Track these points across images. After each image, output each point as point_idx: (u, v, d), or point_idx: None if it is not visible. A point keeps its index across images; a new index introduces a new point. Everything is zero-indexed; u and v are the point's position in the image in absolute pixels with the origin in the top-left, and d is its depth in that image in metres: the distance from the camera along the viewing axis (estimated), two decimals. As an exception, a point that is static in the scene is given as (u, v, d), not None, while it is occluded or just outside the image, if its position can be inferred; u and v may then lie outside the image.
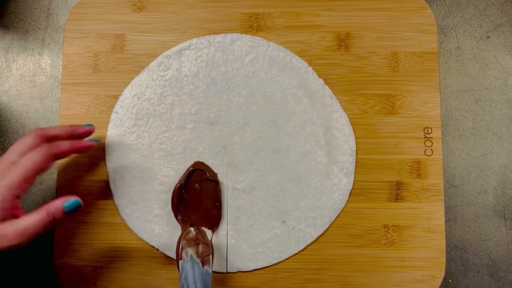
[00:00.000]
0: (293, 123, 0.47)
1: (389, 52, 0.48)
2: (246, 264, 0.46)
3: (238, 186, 0.46)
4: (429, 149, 0.47)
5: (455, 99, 0.50)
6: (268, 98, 0.47)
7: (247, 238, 0.46)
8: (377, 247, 0.46)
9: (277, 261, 0.46)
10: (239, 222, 0.46)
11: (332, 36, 0.48)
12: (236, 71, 0.47)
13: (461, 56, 0.50)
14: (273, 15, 0.48)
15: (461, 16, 0.51)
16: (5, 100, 0.51)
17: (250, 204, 0.46)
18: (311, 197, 0.46)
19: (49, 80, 0.51)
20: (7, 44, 0.51)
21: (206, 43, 0.48)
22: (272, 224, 0.46)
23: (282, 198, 0.46)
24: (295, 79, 0.47)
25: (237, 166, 0.46)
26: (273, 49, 0.48)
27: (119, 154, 0.46)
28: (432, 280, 0.45)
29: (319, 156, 0.46)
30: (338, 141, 0.47)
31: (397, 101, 0.47)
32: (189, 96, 0.47)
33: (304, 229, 0.46)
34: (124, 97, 0.47)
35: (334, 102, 0.47)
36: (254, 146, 0.47)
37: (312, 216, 0.46)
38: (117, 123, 0.47)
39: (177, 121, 0.47)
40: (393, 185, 0.47)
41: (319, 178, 0.46)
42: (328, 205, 0.46)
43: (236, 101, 0.47)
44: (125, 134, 0.47)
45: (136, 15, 0.49)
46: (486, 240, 0.48)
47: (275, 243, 0.46)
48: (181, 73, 0.47)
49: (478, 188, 0.49)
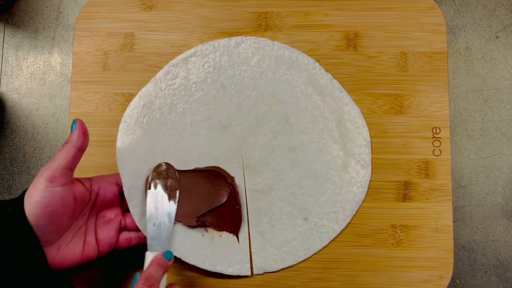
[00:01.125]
0: (305, 119, 0.47)
1: (397, 51, 0.48)
2: (272, 265, 0.45)
3: (256, 188, 0.46)
4: (437, 149, 0.47)
5: (463, 99, 0.50)
6: (278, 97, 0.47)
7: (271, 238, 0.46)
8: (385, 246, 0.46)
9: (302, 258, 0.46)
10: (261, 224, 0.46)
11: (341, 36, 0.48)
12: (243, 74, 0.47)
13: (470, 56, 0.50)
14: (281, 14, 0.49)
15: (470, 16, 0.51)
16: (15, 98, 0.51)
17: (270, 204, 0.46)
18: (331, 192, 0.46)
19: (59, 78, 0.51)
20: (18, 42, 0.52)
21: (212, 48, 0.48)
22: (294, 222, 0.46)
23: (301, 196, 0.46)
24: (303, 76, 0.47)
25: (254, 168, 0.46)
26: (279, 48, 0.48)
27: (133, 162, 0.45)
28: (440, 281, 0.45)
29: (334, 150, 0.46)
30: (352, 134, 0.47)
31: (405, 101, 0.47)
32: (199, 103, 0.47)
33: (327, 224, 0.46)
34: (132, 107, 0.47)
35: (344, 95, 0.47)
36: (269, 146, 0.47)
37: (334, 210, 0.46)
38: (128, 131, 0.46)
39: (190, 129, 0.47)
40: (401, 185, 0.47)
41: (336, 172, 0.46)
42: (349, 198, 0.46)
43: (246, 103, 0.47)
44: (138, 142, 0.46)
45: (145, 14, 0.49)
46: (494, 240, 0.48)
47: (299, 241, 0.46)
48: (189, 80, 0.47)
49: (487, 188, 0.49)
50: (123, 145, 0.46)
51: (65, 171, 0.37)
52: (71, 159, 0.37)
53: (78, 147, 0.38)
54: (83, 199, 0.40)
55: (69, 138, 0.38)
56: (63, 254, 0.38)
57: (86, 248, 0.40)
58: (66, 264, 0.39)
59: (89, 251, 0.40)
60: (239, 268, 0.45)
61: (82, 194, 0.39)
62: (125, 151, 0.46)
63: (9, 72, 0.51)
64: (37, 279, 0.36)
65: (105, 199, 0.42)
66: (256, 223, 0.46)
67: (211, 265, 0.45)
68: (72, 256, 0.39)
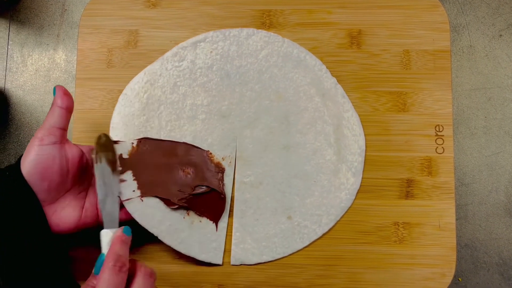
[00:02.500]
0: (304, 120, 0.47)
1: (401, 49, 0.48)
2: (250, 258, 0.46)
3: (245, 180, 0.47)
4: (440, 147, 0.47)
5: (467, 97, 0.50)
6: (281, 94, 0.47)
7: (252, 232, 0.46)
8: (387, 244, 0.46)
9: (280, 256, 0.46)
10: (245, 216, 0.46)
11: (344, 33, 0.48)
12: (250, 66, 0.48)
13: (473, 54, 0.50)
14: (285, 12, 0.49)
15: (474, 15, 0.51)
16: (20, 94, 0.51)
17: (257, 198, 0.46)
18: (318, 195, 0.46)
19: (64, 75, 0.51)
20: (23, 39, 0.52)
21: (222, 36, 0.48)
22: (277, 219, 0.46)
23: (289, 194, 0.46)
24: (308, 76, 0.47)
25: (246, 160, 0.47)
26: (288, 46, 0.48)
27: (126, 133, 0.46)
28: (442, 278, 0.45)
29: (328, 154, 0.47)
30: (348, 140, 0.47)
31: (408, 98, 0.47)
32: (202, 88, 0.47)
33: (310, 226, 0.46)
34: (135, 81, 0.47)
35: (346, 101, 0.47)
36: (264, 141, 0.47)
37: (318, 213, 0.46)
38: (126, 103, 0.47)
39: (189, 111, 0.47)
40: (403, 182, 0.47)
41: (327, 176, 0.46)
42: (335, 204, 0.46)
43: (248, 95, 0.47)
44: (134, 115, 0.46)
45: (149, 11, 0.49)
46: (496, 238, 0.48)
47: (279, 238, 0.46)
48: (195, 64, 0.47)
49: (490, 186, 0.49)
50: (119, 115, 0.46)
51: (53, 130, 0.39)
52: (58, 118, 0.39)
53: (61, 106, 0.40)
54: (78, 161, 0.41)
55: (53, 101, 0.40)
56: (60, 217, 0.40)
57: (84, 213, 0.41)
58: (63, 227, 0.40)
59: (87, 218, 0.41)
60: (212, 256, 0.45)
61: (76, 156, 0.41)
62: (120, 121, 0.46)
63: (14, 68, 0.52)
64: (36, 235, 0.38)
65: None
66: (240, 214, 0.46)
67: (186, 249, 0.45)
68: (69, 219, 0.40)
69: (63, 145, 0.40)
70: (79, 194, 0.42)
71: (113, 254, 0.36)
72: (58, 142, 0.39)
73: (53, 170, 0.39)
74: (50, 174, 0.38)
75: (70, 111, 0.41)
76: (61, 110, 0.40)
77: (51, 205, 0.40)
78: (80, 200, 0.42)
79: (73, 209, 0.41)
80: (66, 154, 0.40)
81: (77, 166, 0.41)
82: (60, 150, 0.39)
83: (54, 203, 0.40)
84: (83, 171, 0.42)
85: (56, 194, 0.40)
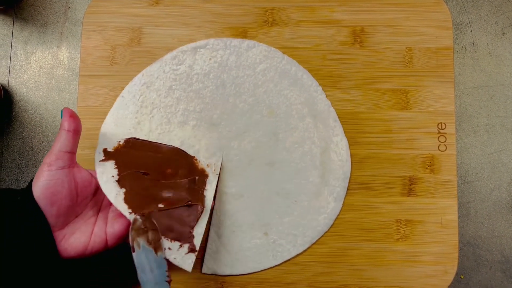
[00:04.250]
0: (293, 138, 0.47)
1: (403, 47, 0.48)
2: (222, 269, 0.46)
3: (227, 191, 0.47)
4: (442, 144, 0.47)
5: (469, 95, 0.50)
6: (273, 110, 0.47)
7: (227, 243, 0.46)
8: (390, 241, 0.46)
9: (252, 271, 0.46)
10: (222, 226, 0.46)
11: (347, 31, 0.48)
12: (246, 78, 0.48)
13: (476, 52, 0.50)
14: (288, 10, 0.49)
15: (477, 12, 0.51)
16: (23, 92, 0.52)
17: (236, 210, 0.46)
18: (297, 215, 0.46)
19: (67, 72, 0.52)
20: (26, 36, 0.52)
21: (223, 45, 0.48)
22: (253, 234, 0.46)
23: (268, 210, 0.46)
24: (303, 96, 0.47)
25: (230, 171, 0.47)
26: (287, 63, 0.48)
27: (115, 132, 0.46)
28: (444, 276, 0.46)
29: (312, 175, 0.47)
30: (333, 165, 0.47)
31: (411, 96, 0.48)
32: (196, 94, 0.47)
33: (284, 245, 0.46)
34: (133, 83, 0.47)
35: (337, 126, 0.47)
36: (250, 154, 0.47)
37: (294, 233, 0.46)
38: (122, 106, 0.47)
39: (180, 116, 0.47)
40: (406, 180, 0.47)
41: (308, 197, 0.46)
42: (312, 226, 0.46)
43: (241, 107, 0.47)
44: (126, 117, 0.46)
45: (153, 8, 0.49)
46: (499, 236, 0.48)
47: (252, 253, 0.46)
48: (193, 70, 0.47)
49: (492, 184, 0.49)
50: (112, 117, 0.46)
51: (61, 154, 0.39)
52: (65, 142, 0.39)
53: (68, 129, 0.39)
54: (88, 186, 0.41)
55: (60, 125, 0.40)
56: (69, 242, 0.39)
57: (93, 239, 0.41)
58: (71, 252, 0.39)
59: (95, 243, 0.41)
60: (183, 260, 0.42)
61: (85, 180, 0.41)
62: (112, 122, 0.46)
63: (18, 66, 0.52)
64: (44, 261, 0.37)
65: None
66: (218, 224, 0.46)
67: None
68: (78, 245, 0.40)
69: (71, 169, 0.39)
70: (88, 220, 0.41)
71: None
72: (67, 167, 0.39)
73: (62, 195, 0.38)
74: (60, 199, 0.38)
75: (78, 133, 0.40)
76: (68, 134, 0.39)
77: (61, 231, 0.39)
78: (89, 226, 0.41)
79: (82, 234, 0.40)
80: (75, 178, 0.40)
81: (86, 190, 0.41)
82: (69, 174, 0.39)
83: (64, 229, 0.39)
84: (92, 195, 0.42)
85: (65, 219, 0.39)
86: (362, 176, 0.47)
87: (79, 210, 0.41)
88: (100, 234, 0.41)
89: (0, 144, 0.51)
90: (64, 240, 0.39)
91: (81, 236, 0.40)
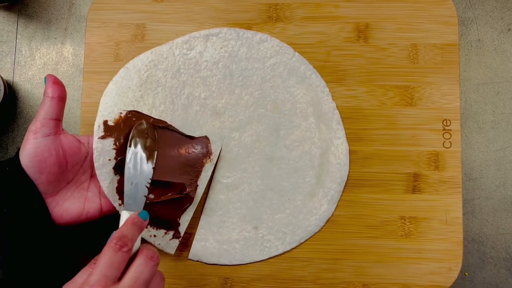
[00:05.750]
0: (294, 136, 0.47)
1: (408, 43, 0.48)
2: (208, 257, 0.46)
3: (223, 181, 0.47)
4: (447, 141, 0.47)
5: (475, 92, 0.50)
6: (278, 106, 0.47)
7: (216, 232, 0.46)
8: (394, 238, 0.46)
9: (238, 263, 0.46)
10: (213, 215, 0.46)
11: (352, 27, 0.48)
12: (255, 71, 0.48)
13: (481, 48, 0.50)
14: (292, 6, 0.49)
15: (482, 8, 0.51)
16: (28, 88, 0.52)
17: (228, 201, 0.46)
18: (289, 213, 0.46)
19: (71, 68, 0.52)
20: (31, 33, 0.52)
21: (235, 35, 0.48)
22: (243, 226, 0.46)
23: (261, 205, 0.46)
24: (309, 95, 0.47)
25: (228, 162, 0.47)
26: (297, 60, 0.47)
27: (117, 102, 0.45)
28: (449, 273, 0.45)
29: (308, 175, 0.46)
30: (331, 167, 0.46)
31: (416, 92, 0.47)
32: (203, 81, 0.47)
33: (273, 241, 0.46)
34: (140, 58, 0.47)
35: (339, 129, 0.47)
36: (250, 147, 0.47)
37: (284, 231, 0.46)
38: (126, 76, 0.46)
39: (184, 100, 0.47)
40: (410, 176, 0.47)
41: (302, 196, 0.46)
42: (302, 226, 0.46)
43: (246, 99, 0.47)
44: (129, 88, 0.46)
45: (156, 5, 0.49)
46: (504, 233, 0.48)
47: (240, 245, 0.46)
48: (202, 56, 0.47)
49: (497, 181, 0.48)
50: (115, 85, 0.46)
51: (46, 121, 0.39)
52: (49, 109, 0.39)
53: (52, 95, 0.39)
54: (77, 152, 0.41)
55: (44, 92, 0.40)
56: (63, 208, 0.40)
57: (87, 205, 0.41)
58: (66, 218, 0.40)
59: (90, 208, 0.41)
60: (167, 244, 0.45)
61: (73, 146, 0.41)
62: (114, 90, 0.46)
63: (22, 62, 0.52)
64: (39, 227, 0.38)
65: None
66: (209, 213, 0.46)
67: (144, 232, 0.44)
68: (72, 210, 0.40)
69: (58, 136, 0.40)
70: (81, 185, 0.42)
71: (118, 233, 0.35)
72: (53, 134, 0.39)
73: (50, 162, 0.38)
74: (48, 166, 0.38)
75: (63, 100, 0.40)
76: (52, 101, 0.39)
77: (54, 197, 0.40)
78: (82, 191, 0.42)
79: (75, 200, 0.41)
80: (63, 145, 0.40)
81: (75, 156, 0.41)
82: (56, 141, 0.39)
83: (56, 195, 0.40)
84: (83, 161, 0.42)
85: (56, 186, 0.40)
86: (366, 172, 0.47)
87: (71, 176, 0.41)
88: (94, 199, 0.42)
89: (5, 140, 0.51)
90: (58, 207, 0.40)
91: (75, 201, 0.40)
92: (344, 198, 0.47)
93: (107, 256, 0.34)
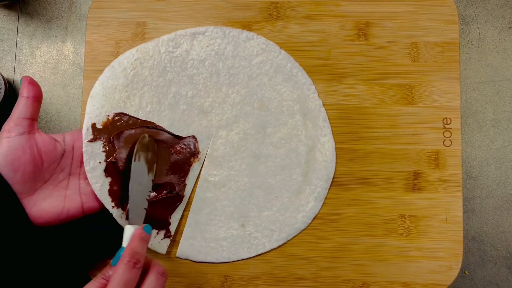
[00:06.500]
0: (280, 134, 0.47)
1: (409, 42, 0.48)
2: (196, 255, 0.46)
3: (210, 179, 0.47)
4: (448, 139, 0.47)
5: (475, 90, 0.49)
6: (264, 104, 0.47)
7: (204, 230, 0.46)
8: (394, 237, 0.46)
9: (225, 260, 0.46)
10: (200, 213, 0.46)
11: (352, 25, 0.48)
12: (241, 69, 0.48)
13: (482, 46, 0.50)
14: (293, 4, 0.49)
15: (483, 7, 0.50)
16: (29, 86, 0.52)
17: (216, 199, 0.46)
18: (276, 210, 0.46)
19: (72, 67, 0.52)
20: (31, 31, 0.52)
21: (222, 33, 0.48)
22: (230, 224, 0.46)
23: (248, 203, 0.46)
24: (296, 93, 0.47)
25: (215, 160, 0.47)
26: (283, 58, 0.48)
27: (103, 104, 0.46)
28: (449, 271, 0.45)
29: (295, 173, 0.47)
30: (318, 164, 0.47)
31: (416, 91, 0.47)
32: (189, 79, 0.47)
33: (260, 238, 0.46)
34: (125, 56, 0.47)
35: (326, 126, 0.47)
36: (237, 145, 0.47)
37: (271, 228, 0.46)
38: (111, 76, 0.46)
39: (171, 99, 0.47)
40: (410, 175, 0.47)
41: (288, 194, 0.46)
42: (290, 223, 0.46)
43: (233, 98, 0.47)
44: (116, 89, 0.46)
45: (157, 3, 0.49)
46: (504, 232, 0.48)
47: (228, 243, 0.46)
48: (189, 55, 0.47)
49: (497, 180, 0.48)
50: (101, 86, 0.46)
51: (20, 121, 0.39)
52: (23, 108, 0.39)
53: (27, 95, 0.39)
54: (52, 150, 0.41)
55: (19, 92, 0.40)
56: (41, 208, 0.39)
57: (67, 203, 0.41)
58: (46, 218, 0.39)
59: (71, 207, 0.41)
60: (158, 244, 0.46)
61: (48, 144, 0.40)
62: (100, 92, 0.46)
63: (23, 60, 0.52)
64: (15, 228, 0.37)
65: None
66: (196, 210, 0.46)
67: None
68: (51, 210, 0.40)
69: (32, 135, 0.39)
70: (59, 184, 0.41)
71: (130, 250, 0.36)
72: (27, 133, 0.39)
73: (24, 161, 0.38)
74: (22, 165, 0.38)
75: (38, 100, 0.40)
76: (27, 100, 0.39)
77: (31, 197, 0.39)
78: (61, 190, 0.41)
79: (54, 199, 0.40)
80: (37, 144, 0.40)
81: (51, 154, 0.40)
82: (30, 139, 0.39)
83: (33, 195, 0.39)
84: (59, 160, 0.42)
85: (33, 185, 0.39)
86: (366, 171, 0.47)
87: (47, 175, 0.40)
88: (74, 197, 0.41)
89: (5, 138, 0.51)
90: (36, 207, 0.39)
91: (54, 201, 0.40)
92: (344, 197, 0.47)
93: (122, 274, 0.35)
